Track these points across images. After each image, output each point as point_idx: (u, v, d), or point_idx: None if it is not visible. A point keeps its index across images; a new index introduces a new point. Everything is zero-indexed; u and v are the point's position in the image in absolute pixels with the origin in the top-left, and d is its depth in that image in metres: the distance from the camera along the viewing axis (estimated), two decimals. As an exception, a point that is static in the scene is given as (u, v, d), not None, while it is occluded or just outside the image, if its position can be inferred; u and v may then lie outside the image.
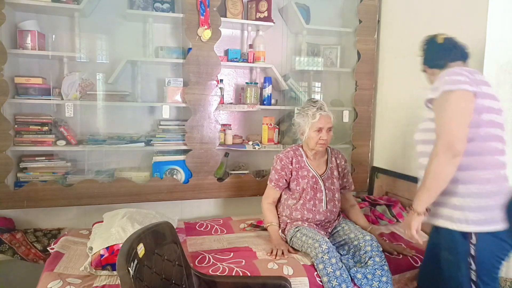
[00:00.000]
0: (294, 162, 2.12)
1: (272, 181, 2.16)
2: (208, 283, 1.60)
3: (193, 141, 2.53)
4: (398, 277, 1.93)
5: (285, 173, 2.12)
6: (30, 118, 2.35)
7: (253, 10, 2.73)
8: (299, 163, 2.12)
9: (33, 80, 2.31)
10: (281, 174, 2.13)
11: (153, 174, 2.54)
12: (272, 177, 2.16)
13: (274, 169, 2.15)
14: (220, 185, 2.63)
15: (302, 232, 2.00)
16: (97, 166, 2.53)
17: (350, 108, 2.91)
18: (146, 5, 2.49)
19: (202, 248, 2.08)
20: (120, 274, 1.15)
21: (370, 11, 2.83)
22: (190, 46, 2.50)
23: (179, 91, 2.56)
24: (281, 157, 2.14)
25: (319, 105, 2.05)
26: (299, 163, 2.12)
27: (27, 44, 2.28)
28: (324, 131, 2.04)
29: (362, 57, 2.84)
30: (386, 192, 2.78)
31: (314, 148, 2.08)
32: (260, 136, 2.85)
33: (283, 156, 2.14)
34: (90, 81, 2.45)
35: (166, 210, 2.47)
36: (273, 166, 2.16)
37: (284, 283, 1.59)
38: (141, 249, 1.34)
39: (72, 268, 1.79)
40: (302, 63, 2.89)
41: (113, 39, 2.54)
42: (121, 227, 1.85)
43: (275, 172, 2.15)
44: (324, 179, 2.13)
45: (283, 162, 2.12)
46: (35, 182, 2.32)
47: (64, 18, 2.48)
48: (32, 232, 2.39)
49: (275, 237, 2.08)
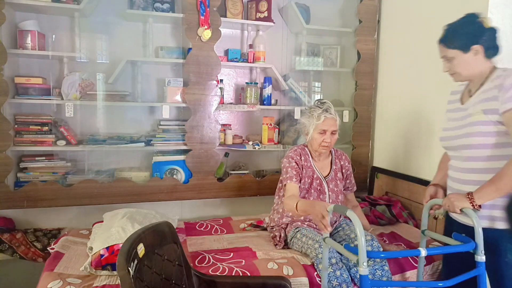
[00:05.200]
0: (302, 160, 2.11)
1: (292, 178, 2.02)
2: (208, 283, 1.60)
3: (193, 141, 2.53)
4: (398, 277, 1.94)
5: (300, 169, 2.08)
6: (30, 118, 2.35)
7: (253, 10, 2.73)
8: (306, 162, 2.11)
9: (33, 80, 2.31)
10: (297, 169, 2.06)
11: (153, 174, 2.54)
12: (290, 174, 2.04)
13: (290, 167, 2.06)
14: (220, 185, 2.62)
15: (302, 233, 2.00)
16: (97, 166, 2.53)
17: (350, 108, 2.91)
18: (146, 5, 2.49)
19: (202, 248, 2.08)
20: (120, 274, 1.15)
21: (370, 11, 2.83)
22: (190, 46, 2.50)
23: (179, 91, 2.56)
24: (291, 155, 2.10)
25: (325, 107, 2.03)
26: (306, 162, 2.11)
27: (27, 44, 2.28)
28: (328, 133, 2.02)
29: (362, 57, 2.84)
30: (386, 192, 2.78)
31: (317, 150, 2.08)
32: (260, 136, 2.85)
33: (293, 154, 2.11)
34: (90, 81, 2.45)
35: (166, 210, 2.47)
36: (286, 166, 2.08)
37: (284, 283, 1.59)
38: (141, 249, 1.34)
39: (72, 268, 1.79)
40: (302, 63, 2.89)
41: (113, 39, 2.54)
42: (121, 227, 1.85)
43: (291, 169, 2.05)
44: (328, 181, 2.12)
45: (295, 159, 2.08)
46: (35, 182, 2.32)
47: (64, 18, 2.48)
48: (32, 232, 2.39)
49: (310, 205, 1.74)
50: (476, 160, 1.54)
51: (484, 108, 1.49)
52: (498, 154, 1.49)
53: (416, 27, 2.51)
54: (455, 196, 1.52)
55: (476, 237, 1.50)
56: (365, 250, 1.38)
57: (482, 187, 1.47)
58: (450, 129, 1.65)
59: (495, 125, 1.47)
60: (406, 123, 2.63)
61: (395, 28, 2.76)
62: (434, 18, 2.35)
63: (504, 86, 1.43)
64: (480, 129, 1.50)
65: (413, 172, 2.52)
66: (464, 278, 1.48)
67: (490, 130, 1.48)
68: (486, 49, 1.50)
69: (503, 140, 1.47)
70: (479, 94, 1.54)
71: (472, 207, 1.48)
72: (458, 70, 1.54)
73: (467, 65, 1.52)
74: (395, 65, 2.76)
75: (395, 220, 2.48)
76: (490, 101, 1.48)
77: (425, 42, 2.38)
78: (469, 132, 1.53)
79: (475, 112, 1.52)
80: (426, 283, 1.85)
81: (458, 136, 1.59)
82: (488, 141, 1.49)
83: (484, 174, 1.50)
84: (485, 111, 1.48)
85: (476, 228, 1.49)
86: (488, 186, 1.46)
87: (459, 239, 1.55)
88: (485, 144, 1.50)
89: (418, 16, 2.50)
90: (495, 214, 1.53)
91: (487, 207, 1.51)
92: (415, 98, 2.55)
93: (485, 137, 1.49)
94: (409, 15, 2.60)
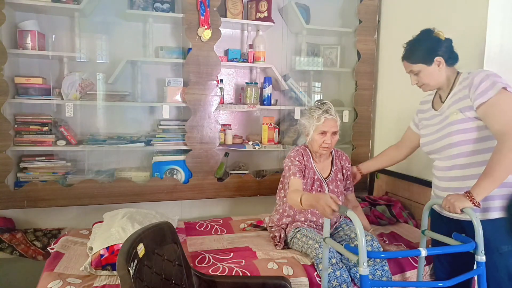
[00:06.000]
0: (305, 160, 2.10)
1: (295, 174, 2.00)
2: (208, 283, 1.60)
3: (193, 141, 2.53)
4: (398, 277, 1.94)
5: (303, 166, 2.07)
6: (30, 118, 2.35)
7: (253, 10, 2.73)
8: (307, 163, 2.10)
9: (33, 80, 2.31)
10: (301, 167, 2.05)
11: (153, 174, 2.54)
12: (294, 170, 2.01)
13: (293, 165, 2.04)
14: (220, 185, 2.62)
15: (302, 233, 1.99)
16: (97, 166, 2.53)
17: (350, 108, 2.91)
18: (146, 5, 2.49)
19: (202, 248, 2.08)
20: (120, 274, 1.15)
21: (370, 11, 2.83)
22: (190, 46, 2.50)
23: (179, 91, 2.56)
24: (293, 155, 2.09)
25: (326, 108, 2.02)
26: (308, 163, 2.11)
27: (27, 44, 2.28)
28: (328, 134, 2.01)
29: (362, 57, 2.84)
30: (386, 192, 2.78)
31: (318, 151, 2.07)
32: (260, 136, 2.85)
33: (295, 154, 2.09)
34: (90, 81, 2.45)
35: (166, 210, 2.47)
36: (288, 165, 2.06)
37: (284, 283, 1.59)
38: (141, 249, 1.34)
39: (72, 268, 1.79)
40: (302, 63, 2.89)
41: (113, 39, 2.54)
42: (121, 227, 1.85)
43: (294, 166, 2.03)
44: (328, 182, 2.12)
45: (298, 158, 2.07)
46: (35, 182, 2.32)
47: (64, 18, 2.48)
48: (32, 232, 2.39)
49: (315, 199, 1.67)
50: (460, 157, 1.63)
51: (460, 107, 1.61)
52: (481, 148, 1.59)
53: (416, 27, 2.50)
54: (455, 196, 1.53)
55: (476, 237, 1.50)
56: (366, 250, 1.38)
57: (478, 183, 1.50)
58: (429, 134, 1.77)
59: (473, 121, 1.58)
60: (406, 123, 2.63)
61: (395, 28, 2.76)
62: (434, 18, 2.35)
63: (473, 85, 1.56)
64: (459, 127, 1.61)
65: (413, 172, 2.52)
66: (465, 278, 1.49)
67: (470, 126, 1.59)
68: (447, 59, 1.65)
69: (484, 134, 1.58)
70: (451, 97, 1.67)
71: (473, 205, 1.49)
72: (425, 81, 1.69)
73: (432, 76, 1.67)
74: (395, 65, 2.74)
75: (395, 220, 2.48)
76: (463, 100, 1.61)
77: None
78: (450, 132, 1.64)
79: (452, 112, 1.64)
80: (426, 283, 1.85)
81: (439, 138, 1.69)
82: (469, 137, 1.60)
83: (469, 169, 1.61)
84: (461, 110, 1.60)
85: (476, 228, 1.50)
86: (483, 180, 1.49)
87: (459, 239, 1.55)
88: (466, 140, 1.60)
89: (418, 16, 2.50)
90: (489, 205, 1.58)
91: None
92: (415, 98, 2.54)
93: (465, 134, 1.60)
94: (409, 15, 2.60)
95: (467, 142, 1.60)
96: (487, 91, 1.52)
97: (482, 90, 1.53)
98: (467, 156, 1.61)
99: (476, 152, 1.60)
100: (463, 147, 1.62)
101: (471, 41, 2.07)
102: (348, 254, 1.47)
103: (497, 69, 2.00)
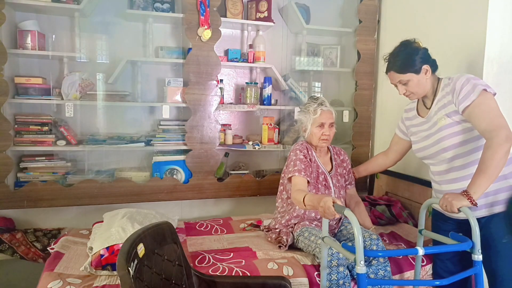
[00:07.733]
0: (309, 154, 2.10)
1: (300, 171, 1.95)
2: (208, 283, 1.60)
3: (193, 141, 2.53)
4: (397, 278, 1.94)
5: (308, 161, 2.04)
6: (30, 118, 2.35)
7: (253, 10, 2.73)
8: (311, 156, 2.10)
9: (33, 80, 2.31)
10: (306, 162, 2.01)
11: (153, 174, 2.54)
12: (299, 167, 1.96)
13: (298, 160, 1.99)
14: (220, 185, 2.62)
15: (310, 232, 1.97)
16: (97, 166, 2.53)
17: (350, 108, 2.91)
18: (146, 5, 2.49)
19: (202, 248, 2.08)
20: (120, 274, 1.15)
21: (370, 11, 2.83)
22: (190, 46, 2.50)
23: (179, 91, 2.56)
24: (298, 148, 2.07)
25: (320, 101, 2.07)
26: (311, 156, 2.10)
27: (27, 44, 2.28)
28: (326, 126, 2.04)
29: (362, 57, 2.84)
30: (386, 192, 2.78)
31: (318, 145, 2.07)
32: (260, 136, 2.85)
33: (300, 147, 2.07)
34: (90, 81, 2.45)
35: (166, 210, 2.48)
36: (293, 159, 2.02)
37: (284, 283, 1.59)
38: (141, 249, 1.34)
39: (72, 268, 1.79)
40: (302, 63, 2.88)
41: (113, 39, 2.54)
42: (121, 227, 1.85)
43: (300, 162, 1.98)
44: (332, 176, 2.13)
45: (303, 152, 2.05)
46: (35, 182, 2.32)
47: (64, 18, 2.48)
48: (32, 232, 2.39)
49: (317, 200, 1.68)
50: (455, 159, 1.69)
51: (446, 112, 1.68)
52: (473, 147, 1.65)
53: (416, 27, 2.51)
54: (452, 195, 1.55)
55: (473, 236, 1.51)
56: (363, 249, 1.38)
57: (473, 181, 1.52)
58: (420, 140, 1.82)
59: (461, 124, 1.66)
60: (406, 123, 2.63)
61: (395, 28, 2.76)
62: (434, 18, 2.35)
63: (455, 90, 1.64)
64: (449, 131, 1.68)
65: (413, 172, 2.52)
66: (461, 277, 1.50)
67: (459, 129, 1.67)
68: (431, 65, 1.73)
69: (474, 134, 1.64)
70: (436, 104, 1.74)
71: (471, 204, 1.50)
72: (414, 90, 1.75)
73: (420, 84, 1.73)
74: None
75: (395, 220, 2.48)
76: (448, 106, 1.68)
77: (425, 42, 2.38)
78: (441, 137, 1.70)
79: (439, 118, 1.71)
80: (423, 282, 1.85)
81: (431, 144, 1.75)
82: (460, 139, 1.67)
83: (467, 169, 1.66)
84: (447, 115, 1.68)
85: (473, 227, 1.51)
86: (478, 177, 1.51)
87: (456, 239, 1.55)
88: (457, 142, 1.67)
89: (418, 16, 2.50)
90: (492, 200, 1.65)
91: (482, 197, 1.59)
92: (415, 98, 2.54)
93: (456, 136, 1.67)
94: (409, 15, 2.60)
95: (459, 145, 1.67)
96: (469, 95, 1.59)
97: (464, 94, 1.61)
98: (462, 157, 1.67)
99: (469, 152, 1.66)
100: (456, 150, 1.67)
101: (471, 41, 2.07)
102: (346, 253, 1.48)
103: (497, 70, 2.01)
